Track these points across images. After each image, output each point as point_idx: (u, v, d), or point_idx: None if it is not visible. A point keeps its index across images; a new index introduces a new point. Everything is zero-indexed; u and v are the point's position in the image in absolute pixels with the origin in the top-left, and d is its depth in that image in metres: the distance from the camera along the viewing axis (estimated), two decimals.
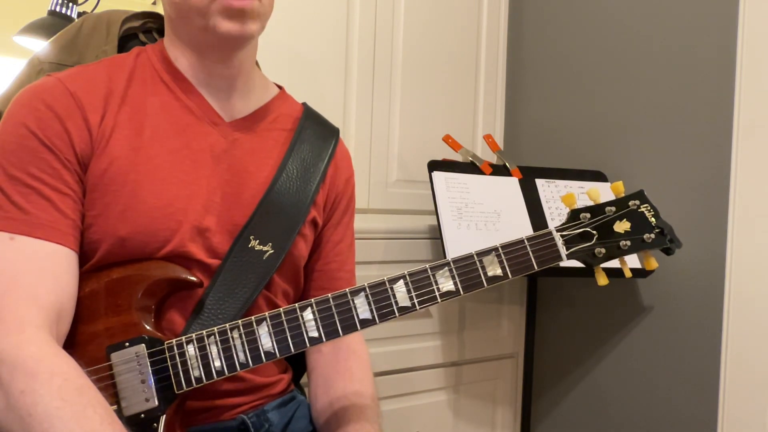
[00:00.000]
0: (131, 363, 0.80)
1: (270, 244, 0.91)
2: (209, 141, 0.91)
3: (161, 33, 1.15)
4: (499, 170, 1.67)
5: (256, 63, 1.02)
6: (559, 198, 1.62)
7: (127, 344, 0.81)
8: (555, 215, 1.63)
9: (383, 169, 1.74)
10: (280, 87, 1.05)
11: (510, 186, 1.65)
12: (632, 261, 0.91)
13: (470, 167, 1.64)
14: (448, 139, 1.69)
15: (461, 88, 1.89)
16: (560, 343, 1.88)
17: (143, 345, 0.81)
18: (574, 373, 1.85)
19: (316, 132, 1.01)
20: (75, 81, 0.87)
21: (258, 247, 0.90)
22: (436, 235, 1.67)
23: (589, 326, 1.81)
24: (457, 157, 1.67)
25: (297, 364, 1.09)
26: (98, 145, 0.85)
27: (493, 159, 1.73)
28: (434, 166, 1.59)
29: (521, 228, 1.57)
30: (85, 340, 0.82)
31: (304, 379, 1.19)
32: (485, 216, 1.56)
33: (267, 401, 0.96)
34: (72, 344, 0.81)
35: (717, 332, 1.54)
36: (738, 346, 1.50)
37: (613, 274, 0.96)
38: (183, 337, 0.82)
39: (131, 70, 0.92)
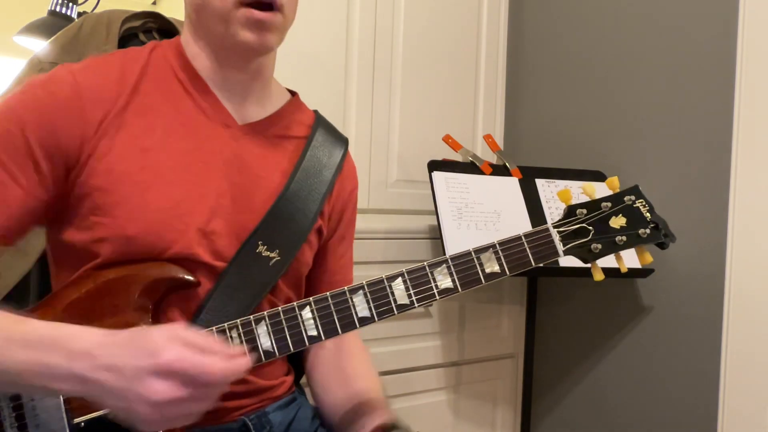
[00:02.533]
0: None
1: (277, 251, 0.91)
2: (220, 143, 0.91)
3: (161, 33, 1.15)
4: (499, 170, 1.67)
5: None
6: (558, 198, 1.63)
7: None
8: (555, 215, 1.63)
9: (383, 169, 1.74)
10: (293, 93, 1.05)
11: (510, 186, 1.65)
12: (628, 257, 0.91)
13: (470, 167, 1.64)
14: (448, 139, 1.69)
15: (461, 88, 1.89)
16: (560, 343, 1.88)
17: None
18: (574, 373, 1.85)
19: (326, 141, 1.01)
20: (85, 74, 0.86)
21: (265, 253, 0.90)
22: (436, 235, 1.67)
23: (589, 326, 1.81)
24: (457, 157, 1.67)
25: (299, 366, 1.09)
26: (98, 140, 0.84)
27: (493, 159, 1.73)
28: (434, 166, 1.59)
29: (521, 228, 1.56)
30: None
31: (304, 380, 1.19)
32: (485, 216, 1.57)
33: (268, 403, 0.95)
34: None
35: (717, 332, 1.54)
36: (738, 346, 1.50)
37: (612, 273, 0.97)
38: None
39: (145, 64, 0.91)
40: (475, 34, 1.92)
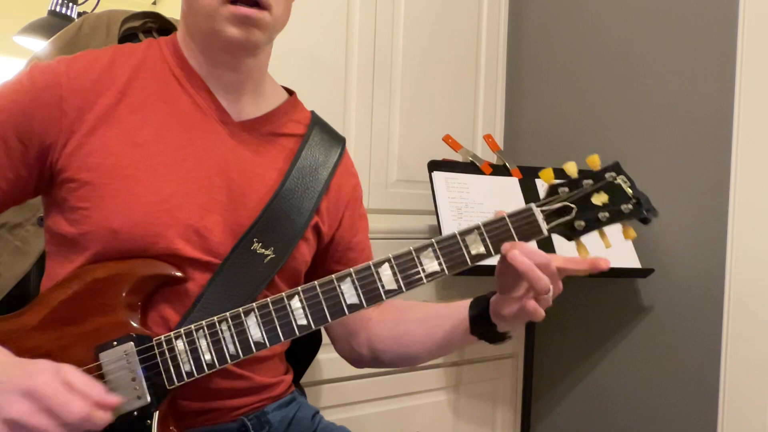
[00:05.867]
0: (121, 361, 0.80)
1: (272, 248, 0.91)
2: (216, 139, 0.91)
3: (161, 33, 1.15)
4: (499, 170, 1.67)
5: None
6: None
7: (115, 343, 0.81)
8: None
9: (383, 169, 1.74)
10: (291, 92, 1.05)
11: (510, 186, 1.65)
12: (628, 256, 0.90)
13: (470, 167, 1.64)
14: (448, 139, 1.69)
15: (461, 88, 1.89)
16: (560, 343, 1.88)
17: (131, 343, 0.81)
18: (574, 373, 1.84)
19: (323, 139, 1.02)
20: (71, 63, 0.88)
21: (260, 251, 0.90)
22: (436, 234, 1.67)
23: (589, 326, 1.81)
24: (457, 157, 1.67)
25: (297, 365, 1.09)
26: (83, 131, 0.85)
27: (493, 159, 1.73)
28: (434, 166, 1.59)
29: None
30: (72, 341, 0.82)
31: (304, 380, 1.19)
32: (485, 216, 1.54)
33: (267, 403, 0.95)
34: (60, 346, 0.81)
35: (717, 332, 1.54)
36: (738, 346, 1.50)
37: (612, 273, 0.96)
38: (172, 333, 0.82)
39: (140, 61, 0.91)
40: (475, 34, 1.92)
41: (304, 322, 0.83)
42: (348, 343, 1.06)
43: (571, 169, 0.88)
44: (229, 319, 0.82)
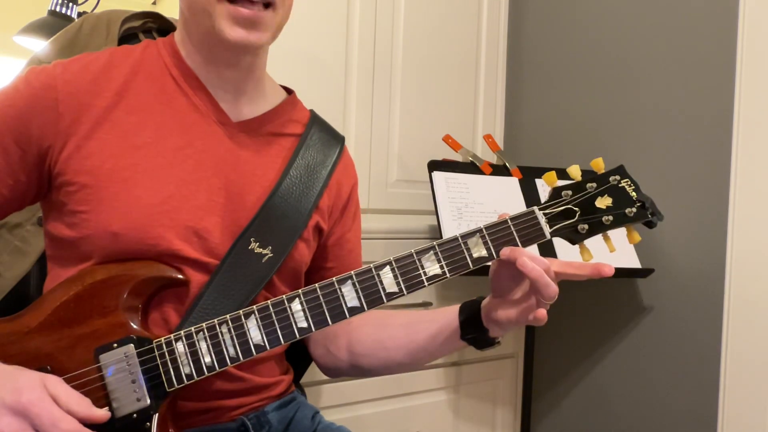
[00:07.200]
0: (121, 363, 0.80)
1: (270, 247, 0.91)
2: (214, 140, 0.91)
3: (161, 33, 1.15)
4: (499, 170, 1.67)
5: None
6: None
7: (115, 345, 0.81)
8: None
9: (383, 169, 1.74)
10: (290, 91, 1.05)
11: (510, 186, 1.64)
12: (624, 258, 0.90)
13: (470, 167, 1.64)
14: (448, 139, 1.69)
15: (461, 88, 1.89)
16: (560, 343, 1.88)
17: (132, 345, 0.81)
18: (574, 373, 1.84)
19: (321, 138, 1.01)
20: (67, 66, 0.88)
21: (258, 250, 0.90)
22: (436, 235, 1.67)
23: (589, 326, 1.81)
24: (457, 157, 1.67)
25: (297, 365, 1.09)
26: (80, 135, 0.85)
27: (493, 159, 1.73)
28: (434, 166, 1.59)
29: None
30: (72, 343, 0.82)
31: (304, 380, 1.19)
32: (485, 216, 1.56)
33: (267, 402, 0.95)
34: (60, 348, 0.81)
35: (717, 332, 1.54)
36: (738, 346, 1.50)
37: (615, 274, 0.96)
38: (172, 335, 0.82)
39: (137, 62, 0.91)
40: (475, 34, 1.92)
41: (304, 324, 0.83)
42: (326, 347, 1.05)
43: (575, 172, 0.87)
44: (229, 322, 0.82)
